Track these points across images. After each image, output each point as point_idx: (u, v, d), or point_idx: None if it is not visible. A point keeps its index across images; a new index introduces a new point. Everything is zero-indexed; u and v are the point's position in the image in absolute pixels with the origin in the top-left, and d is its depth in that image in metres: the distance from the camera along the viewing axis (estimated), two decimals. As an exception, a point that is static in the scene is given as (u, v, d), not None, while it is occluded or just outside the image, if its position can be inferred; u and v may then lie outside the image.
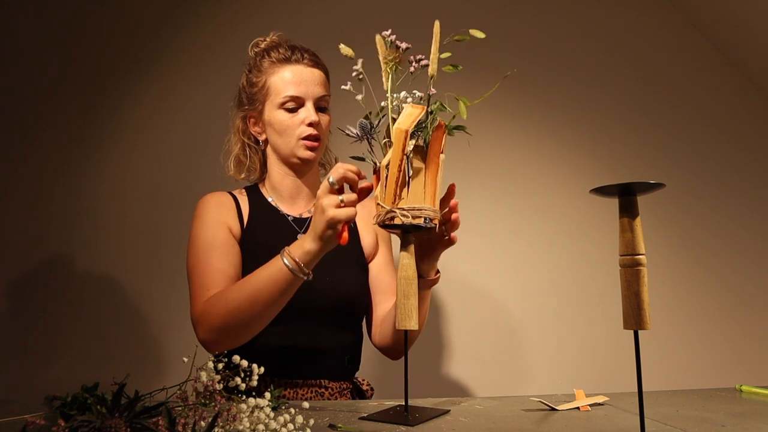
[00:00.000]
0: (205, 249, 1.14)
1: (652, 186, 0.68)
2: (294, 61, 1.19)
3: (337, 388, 1.18)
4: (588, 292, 1.97)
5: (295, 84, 1.18)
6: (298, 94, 1.18)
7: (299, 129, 1.18)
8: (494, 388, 1.90)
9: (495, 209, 2.01)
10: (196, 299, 1.09)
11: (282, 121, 1.19)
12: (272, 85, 1.19)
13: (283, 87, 1.18)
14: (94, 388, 0.73)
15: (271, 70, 1.20)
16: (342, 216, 0.91)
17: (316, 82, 1.20)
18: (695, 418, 0.87)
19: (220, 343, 1.04)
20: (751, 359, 2.00)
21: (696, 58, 2.15)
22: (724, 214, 2.08)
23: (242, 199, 1.25)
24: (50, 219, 1.86)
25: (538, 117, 2.07)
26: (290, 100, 1.18)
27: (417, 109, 0.88)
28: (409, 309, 0.88)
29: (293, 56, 1.20)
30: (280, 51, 1.21)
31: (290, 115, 1.18)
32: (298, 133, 1.18)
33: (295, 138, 1.18)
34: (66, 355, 1.80)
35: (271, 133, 1.22)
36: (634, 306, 0.68)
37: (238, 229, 1.20)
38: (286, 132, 1.19)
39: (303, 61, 1.20)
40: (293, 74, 1.18)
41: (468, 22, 2.04)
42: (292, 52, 1.20)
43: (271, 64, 1.20)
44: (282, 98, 1.18)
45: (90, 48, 1.94)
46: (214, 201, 1.22)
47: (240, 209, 1.23)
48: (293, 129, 1.18)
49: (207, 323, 1.03)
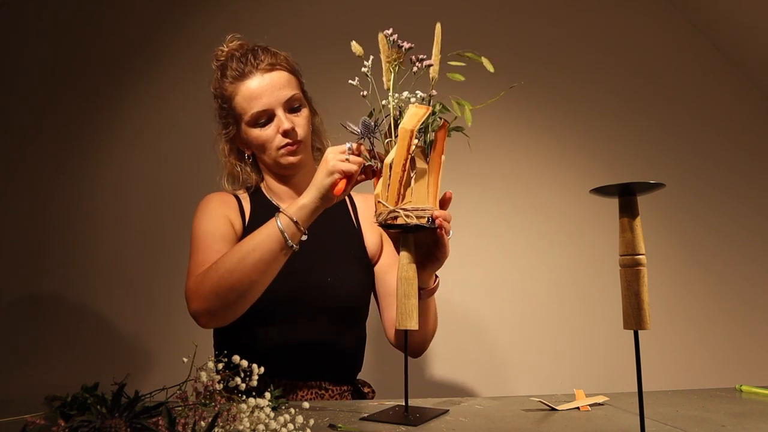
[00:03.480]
0: (206, 236, 1.13)
1: (652, 186, 0.68)
2: (249, 73, 1.15)
3: (337, 391, 1.17)
4: (588, 292, 1.97)
5: (256, 99, 1.14)
6: (263, 108, 1.14)
7: (275, 140, 1.16)
8: (494, 388, 1.90)
9: (495, 209, 2.01)
10: (190, 275, 1.08)
11: (257, 137, 1.16)
12: (237, 107, 1.16)
13: (247, 105, 1.15)
14: (94, 388, 0.73)
15: (232, 91, 1.16)
16: (343, 166, 0.92)
17: (278, 86, 1.15)
18: (695, 418, 0.87)
19: (211, 313, 1.01)
20: (751, 359, 2.00)
21: (696, 58, 2.15)
22: (724, 215, 2.08)
23: (245, 199, 1.25)
24: (50, 219, 1.86)
25: (538, 117, 2.07)
26: (258, 116, 1.15)
27: (422, 109, 0.88)
28: (409, 309, 0.88)
29: (247, 67, 1.15)
30: (234, 67, 1.16)
31: (263, 129, 1.16)
32: (275, 145, 1.16)
33: (274, 150, 1.16)
34: (66, 355, 1.80)
35: (253, 149, 1.22)
36: (634, 306, 0.68)
37: (240, 226, 1.20)
38: (264, 146, 1.17)
39: (259, 69, 1.14)
40: (253, 88, 1.14)
41: (468, 23, 2.05)
42: (246, 63, 1.15)
43: (230, 83, 1.16)
44: (249, 117, 1.15)
45: (90, 48, 1.94)
46: (217, 199, 1.22)
47: (242, 208, 1.23)
48: (270, 142, 1.16)
49: (199, 292, 1.02)
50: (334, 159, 0.93)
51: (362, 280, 1.24)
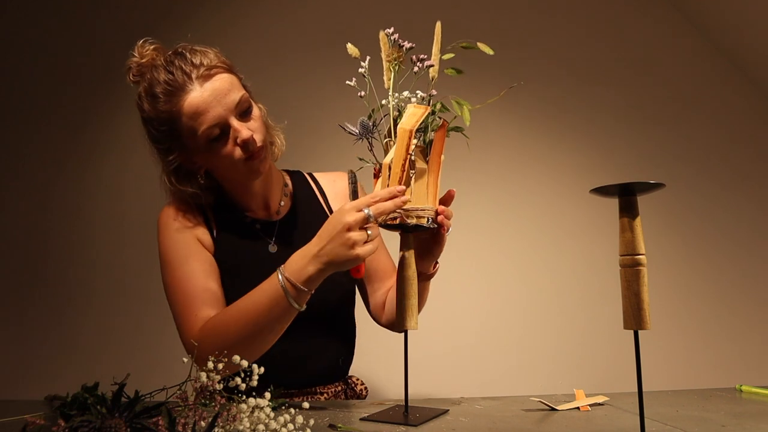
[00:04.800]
0: (181, 267, 1.03)
1: (652, 186, 0.68)
2: (185, 85, 0.97)
3: (332, 392, 1.17)
4: (588, 292, 1.97)
5: (203, 113, 0.97)
6: (213, 122, 0.97)
7: (236, 153, 1.00)
8: (494, 388, 1.90)
9: (495, 209, 2.01)
10: (186, 325, 0.99)
11: (216, 154, 1.01)
12: (183, 128, 0.99)
13: (194, 123, 0.97)
14: (94, 388, 0.73)
15: (169, 110, 0.98)
16: (368, 254, 0.86)
17: (223, 92, 0.98)
18: (695, 418, 0.87)
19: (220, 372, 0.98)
20: (751, 359, 2.00)
21: (696, 58, 2.15)
22: (724, 215, 2.08)
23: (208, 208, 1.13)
24: (50, 219, 1.86)
25: (538, 117, 2.07)
26: (209, 131, 0.98)
27: (420, 109, 0.88)
28: (409, 309, 0.88)
29: (180, 78, 0.97)
30: (163, 81, 0.98)
31: (219, 144, 1.00)
32: (237, 158, 1.01)
33: (239, 164, 1.01)
34: (66, 355, 1.80)
35: (212, 167, 1.07)
36: (634, 306, 0.68)
37: (210, 242, 1.10)
38: (226, 162, 1.02)
39: (197, 78, 0.97)
40: (197, 103, 0.97)
41: (468, 21, 2.05)
42: (175, 75, 0.97)
43: (165, 103, 0.98)
44: (200, 135, 0.98)
45: (90, 48, 1.94)
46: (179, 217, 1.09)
47: (207, 219, 1.12)
48: (231, 156, 1.00)
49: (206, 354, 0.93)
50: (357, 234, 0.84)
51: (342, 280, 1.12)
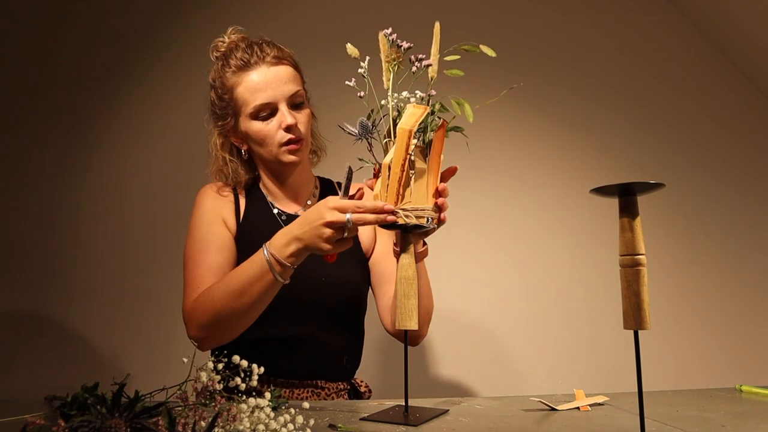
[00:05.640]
0: (201, 242, 1.13)
1: (652, 186, 0.68)
2: (255, 65, 1.12)
3: (334, 389, 1.17)
4: (588, 292, 1.97)
5: (261, 90, 1.11)
6: (267, 101, 1.11)
7: (278, 136, 1.12)
8: (494, 388, 1.90)
9: (495, 209, 2.01)
10: (187, 296, 1.09)
11: (258, 131, 1.13)
12: (239, 97, 1.13)
13: (250, 97, 1.11)
14: (94, 388, 0.73)
15: (234, 81, 1.13)
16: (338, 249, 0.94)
17: (284, 81, 1.12)
18: (695, 418, 0.87)
19: (210, 339, 1.06)
20: (751, 359, 2.00)
21: (696, 58, 2.15)
22: (724, 215, 2.08)
23: (242, 194, 1.24)
24: (51, 220, 1.86)
25: (538, 117, 2.07)
26: (261, 108, 1.11)
27: (420, 109, 0.88)
28: (409, 309, 0.88)
29: (252, 58, 1.12)
30: (238, 56, 1.13)
31: (265, 123, 1.12)
32: (277, 141, 1.13)
33: (275, 146, 1.13)
34: (66, 355, 1.80)
35: (251, 144, 1.18)
36: (634, 306, 0.68)
37: (234, 224, 1.19)
38: (265, 141, 1.14)
39: (265, 61, 1.12)
40: (258, 80, 1.11)
41: (468, 21, 2.05)
42: (251, 54, 1.12)
43: (233, 73, 1.13)
44: (252, 108, 1.11)
45: (91, 48, 1.94)
46: (214, 195, 1.21)
47: (238, 203, 1.22)
48: (272, 137, 1.13)
49: (196, 321, 1.04)
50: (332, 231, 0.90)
51: (357, 277, 1.23)
